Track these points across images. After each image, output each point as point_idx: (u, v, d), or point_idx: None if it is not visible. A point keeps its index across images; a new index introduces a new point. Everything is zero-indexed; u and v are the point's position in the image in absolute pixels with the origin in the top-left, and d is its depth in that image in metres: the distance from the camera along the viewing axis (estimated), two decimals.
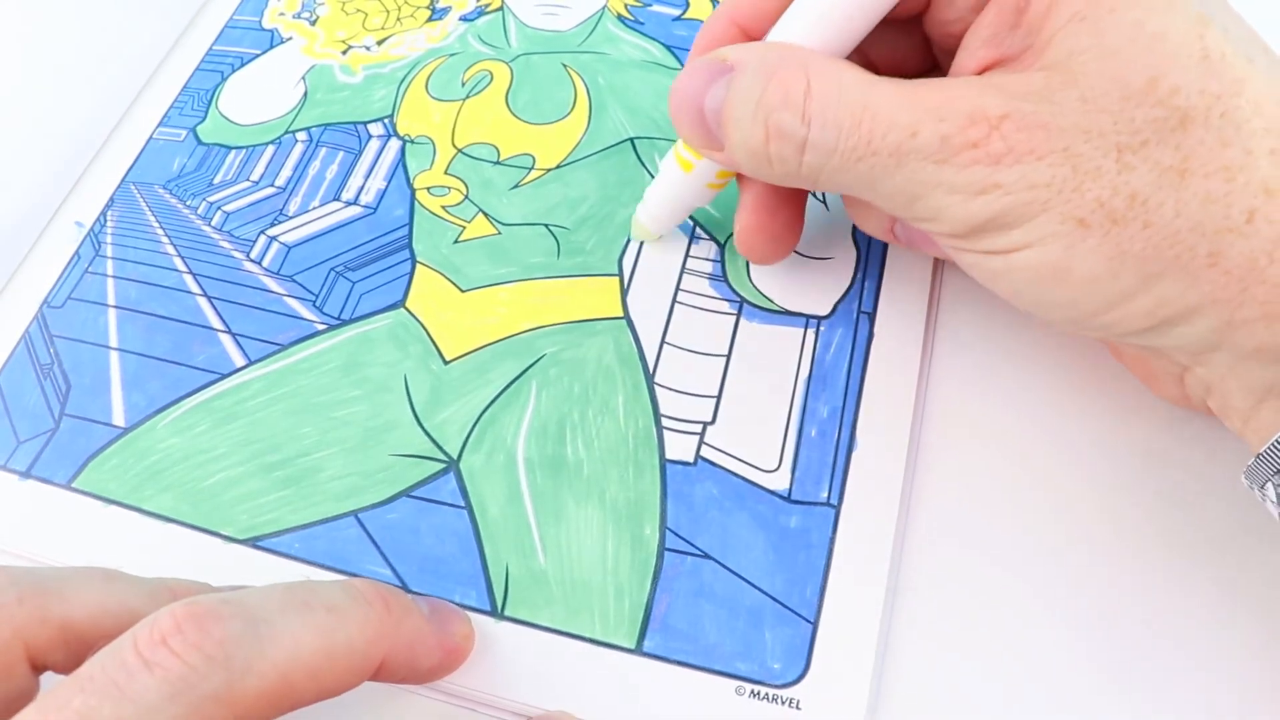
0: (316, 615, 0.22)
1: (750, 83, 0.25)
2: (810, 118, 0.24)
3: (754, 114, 0.25)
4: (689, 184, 0.30)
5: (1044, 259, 0.23)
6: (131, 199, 0.36)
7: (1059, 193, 0.22)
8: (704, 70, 0.26)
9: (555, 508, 0.29)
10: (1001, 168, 0.22)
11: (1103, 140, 0.21)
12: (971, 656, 0.27)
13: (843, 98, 0.24)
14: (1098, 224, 0.22)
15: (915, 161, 0.23)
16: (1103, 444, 0.29)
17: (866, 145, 0.23)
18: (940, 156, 0.23)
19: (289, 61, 0.39)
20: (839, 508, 0.28)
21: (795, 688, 0.26)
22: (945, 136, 0.22)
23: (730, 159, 0.27)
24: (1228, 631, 0.27)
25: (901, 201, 0.24)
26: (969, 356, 0.31)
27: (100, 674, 0.20)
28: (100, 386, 0.31)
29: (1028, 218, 0.22)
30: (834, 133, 0.24)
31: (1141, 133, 0.21)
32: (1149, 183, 0.21)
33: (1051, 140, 0.22)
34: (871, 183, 0.24)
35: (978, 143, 0.22)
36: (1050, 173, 0.22)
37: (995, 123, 0.22)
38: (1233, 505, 0.28)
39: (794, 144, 0.24)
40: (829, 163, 0.24)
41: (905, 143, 0.23)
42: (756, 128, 0.25)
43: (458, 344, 0.32)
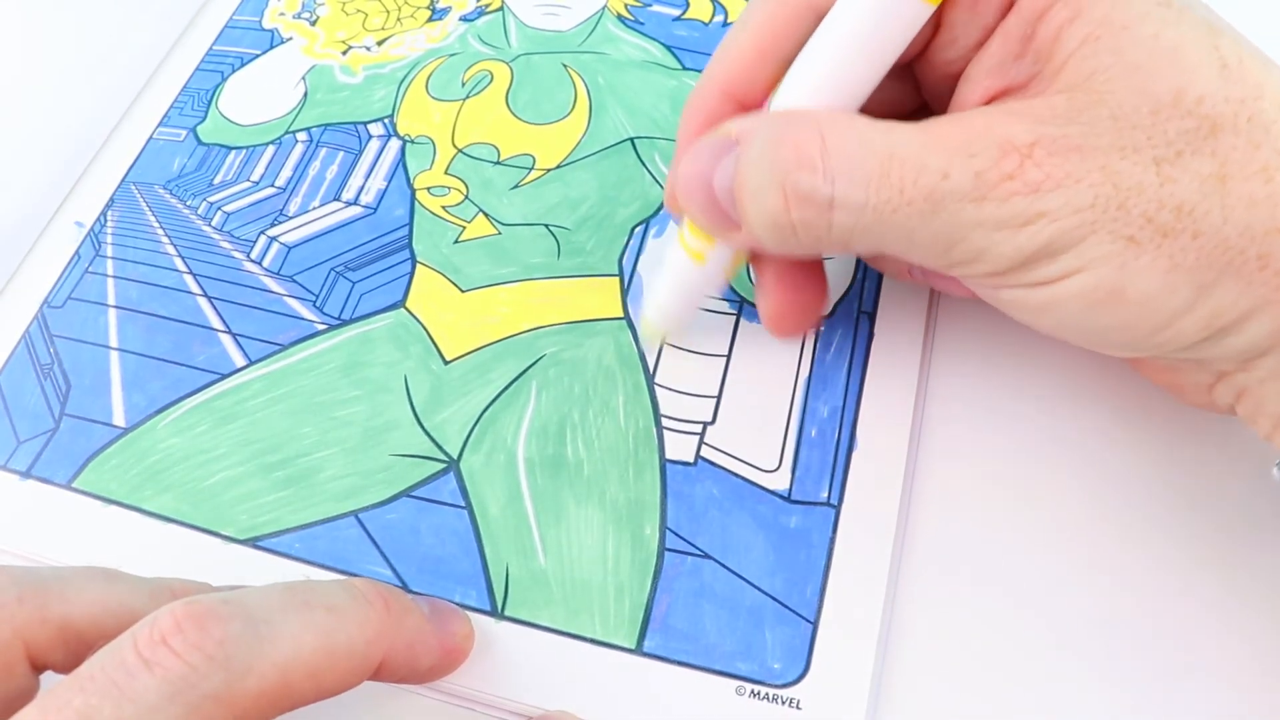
0: (316, 615, 0.22)
1: (761, 150, 0.24)
2: (833, 174, 0.22)
3: (770, 182, 0.23)
4: (703, 276, 0.28)
5: (1097, 282, 0.22)
6: (132, 199, 0.36)
7: (1104, 212, 0.21)
8: (708, 149, 0.25)
9: (555, 508, 0.29)
10: (1042, 195, 0.21)
11: (1139, 155, 0.21)
12: (972, 656, 0.27)
13: (864, 149, 0.22)
14: (1148, 239, 0.21)
15: (952, 204, 0.22)
16: (1104, 443, 0.29)
17: (900, 195, 0.22)
18: (977, 194, 0.22)
19: (289, 62, 0.39)
20: (839, 508, 0.28)
21: (795, 688, 0.26)
22: (979, 173, 0.22)
23: (750, 237, 0.25)
24: (1232, 632, 0.27)
25: (939, 249, 0.23)
26: (969, 356, 0.31)
27: (100, 673, 0.20)
28: (100, 386, 0.31)
29: (1076, 241, 0.22)
30: (862, 187, 0.22)
31: (1175, 144, 0.21)
32: (1193, 192, 0.21)
33: (1087, 161, 0.21)
34: (909, 234, 0.23)
35: (1013, 174, 0.21)
36: (1093, 194, 0.21)
37: (1026, 151, 0.21)
38: (1238, 504, 0.28)
39: (819, 206, 0.23)
40: (860, 220, 0.23)
41: (939, 186, 0.22)
42: (775, 196, 0.23)
43: (458, 344, 0.32)
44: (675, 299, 0.29)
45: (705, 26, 0.39)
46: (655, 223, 0.34)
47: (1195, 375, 0.25)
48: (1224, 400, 0.25)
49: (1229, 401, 0.25)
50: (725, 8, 0.39)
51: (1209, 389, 0.25)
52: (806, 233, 0.24)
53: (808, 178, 0.23)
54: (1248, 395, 0.24)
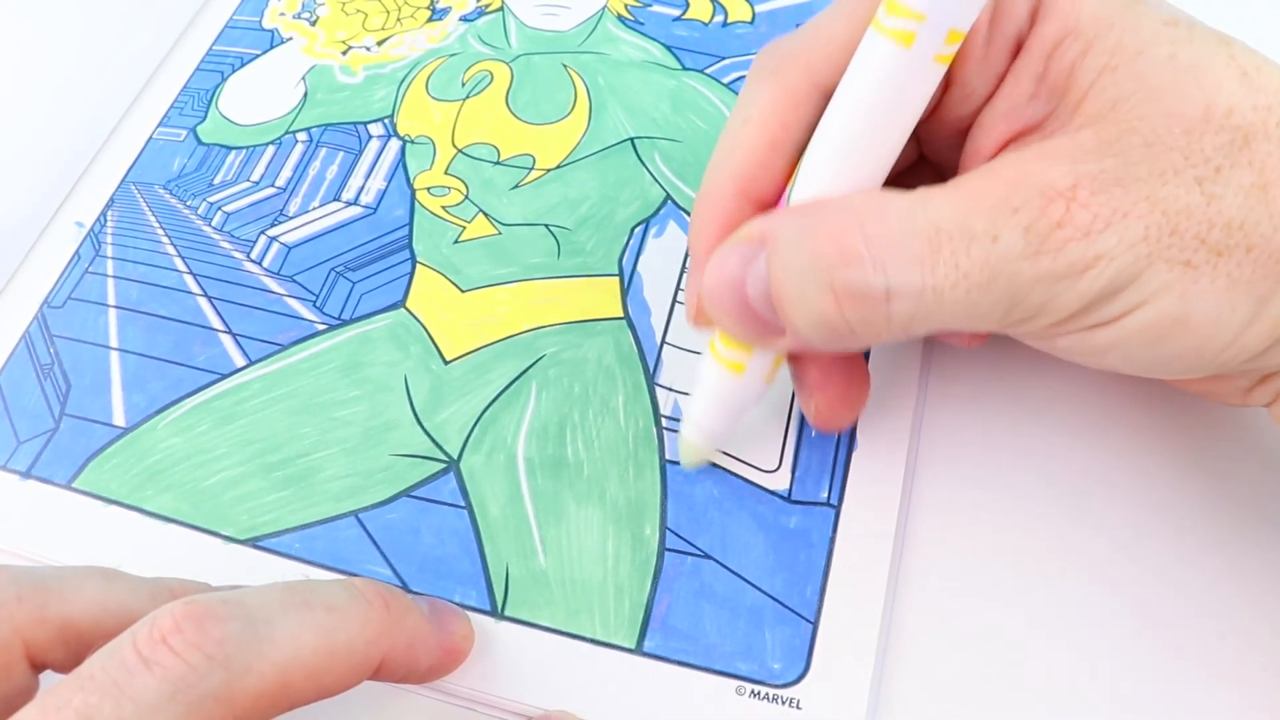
0: (316, 615, 0.22)
1: (795, 249, 0.22)
2: (883, 264, 0.21)
3: (816, 283, 0.22)
4: (743, 386, 0.26)
5: (1160, 314, 0.21)
6: (132, 199, 0.36)
7: (1158, 242, 0.20)
8: (734, 255, 0.23)
9: (555, 508, 0.29)
10: (1094, 238, 0.20)
11: (1180, 178, 0.20)
12: (972, 657, 0.27)
13: (907, 229, 0.21)
14: (1203, 262, 0.21)
15: (1008, 267, 0.21)
16: (1106, 442, 0.29)
17: (955, 270, 0.21)
18: (1030, 250, 0.21)
19: (289, 62, 0.39)
20: (839, 508, 0.28)
21: (795, 687, 0.26)
22: (1028, 227, 0.21)
23: (798, 341, 0.23)
24: (1237, 632, 0.26)
25: (999, 313, 0.22)
26: (970, 356, 0.31)
27: (100, 673, 0.20)
28: (100, 386, 0.31)
29: (1134, 277, 0.21)
30: (916, 271, 0.21)
31: (1213, 160, 0.21)
32: (1239, 206, 0.20)
33: (1131, 193, 0.20)
34: (970, 307, 0.21)
35: (1062, 221, 0.21)
36: (1143, 225, 0.20)
37: (1070, 194, 0.21)
38: (1247, 500, 0.28)
39: (875, 300, 0.21)
40: (920, 306, 0.21)
41: (991, 251, 0.21)
42: (824, 298, 0.22)
43: (458, 344, 0.32)
44: (716, 415, 0.27)
45: (705, 26, 0.39)
46: (655, 223, 0.34)
47: (1237, 382, 0.25)
48: (1259, 401, 0.25)
49: (1264, 402, 0.25)
50: (725, 8, 0.39)
51: (1246, 393, 0.25)
52: (865, 329, 0.22)
53: (857, 274, 0.21)
54: None
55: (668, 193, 0.34)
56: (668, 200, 0.34)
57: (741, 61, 0.37)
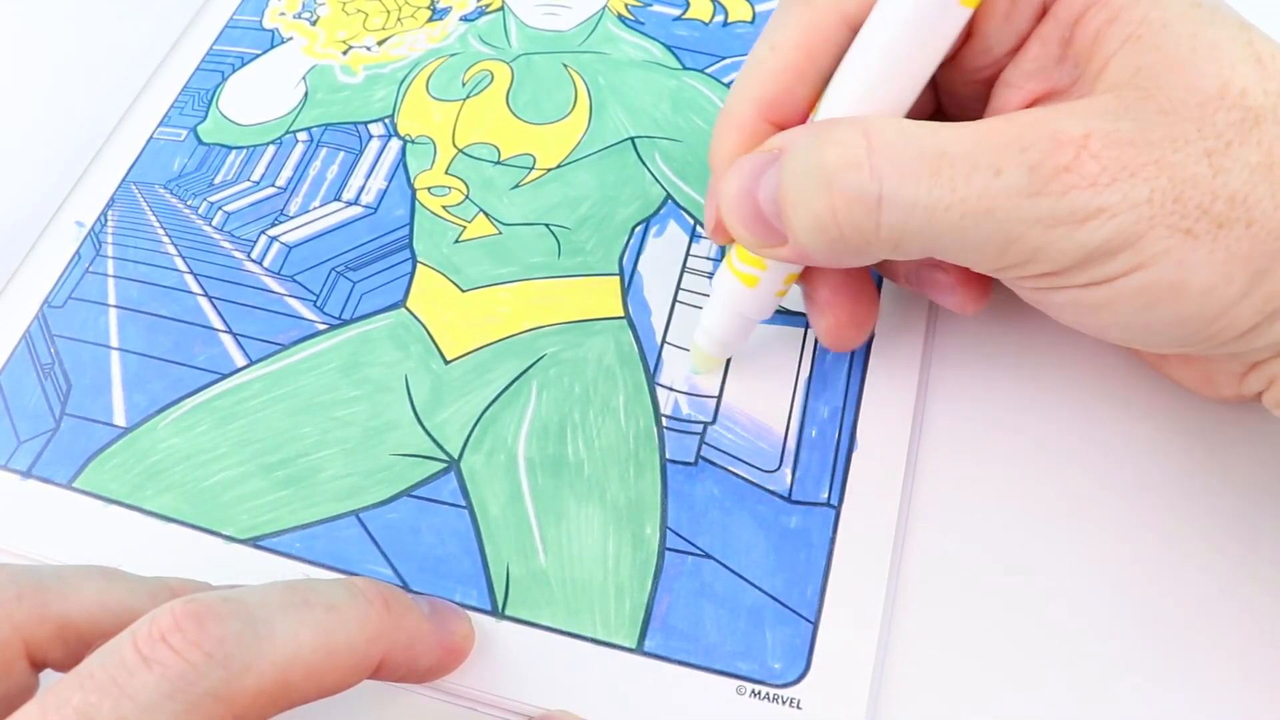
0: (316, 614, 0.22)
1: (804, 156, 0.23)
2: (880, 172, 0.22)
3: (816, 185, 0.23)
4: (754, 300, 0.27)
5: (1157, 278, 0.22)
6: (132, 199, 0.36)
7: (1161, 206, 0.21)
8: (750, 165, 0.24)
9: (556, 507, 0.29)
10: (1100, 189, 0.21)
11: (1191, 148, 0.21)
12: (972, 656, 0.27)
13: (911, 147, 0.22)
14: (1204, 231, 0.21)
15: (1007, 201, 0.21)
16: (1106, 441, 0.29)
17: (952, 194, 0.22)
18: (1033, 190, 0.21)
19: (289, 61, 0.39)
20: (839, 508, 0.28)
21: (796, 687, 0.26)
22: (1034, 166, 0.21)
23: (798, 249, 0.24)
24: (1238, 626, 0.26)
25: (994, 250, 0.22)
26: (970, 356, 0.31)
27: (100, 671, 0.20)
28: (101, 386, 0.31)
29: (1135, 238, 0.21)
30: (912, 185, 0.22)
31: (1224, 135, 0.21)
32: (1244, 181, 0.21)
33: (1142, 154, 0.21)
34: (961, 235, 0.22)
35: (1069, 166, 0.21)
36: (1149, 187, 0.21)
37: (1081, 142, 0.21)
38: (1247, 497, 0.28)
39: (868, 206, 0.22)
40: (911, 220, 0.22)
41: (992, 183, 0.21)
42: (820, 199, 0.23)
43: (458, 344, 0.32)
44: (727, 326, 0.29)
45: (705, 26, 0.39)
46: (656, 222, 0.34)
47: (1228, 366, 0.26)
48: (1252, 390, 0.25)
49: (1257, 390, 0.25)
50: (725, 8, 0.39)
51: (1240, 379, 0.25)
52: (855, 234, 0.23)
53: (854, 176, 0.22)
54: (1279, 383, 0.24)
55: (668, 192, 0.34)
56: (668, 200, 0.34)
57: (742, 61, 0.37)
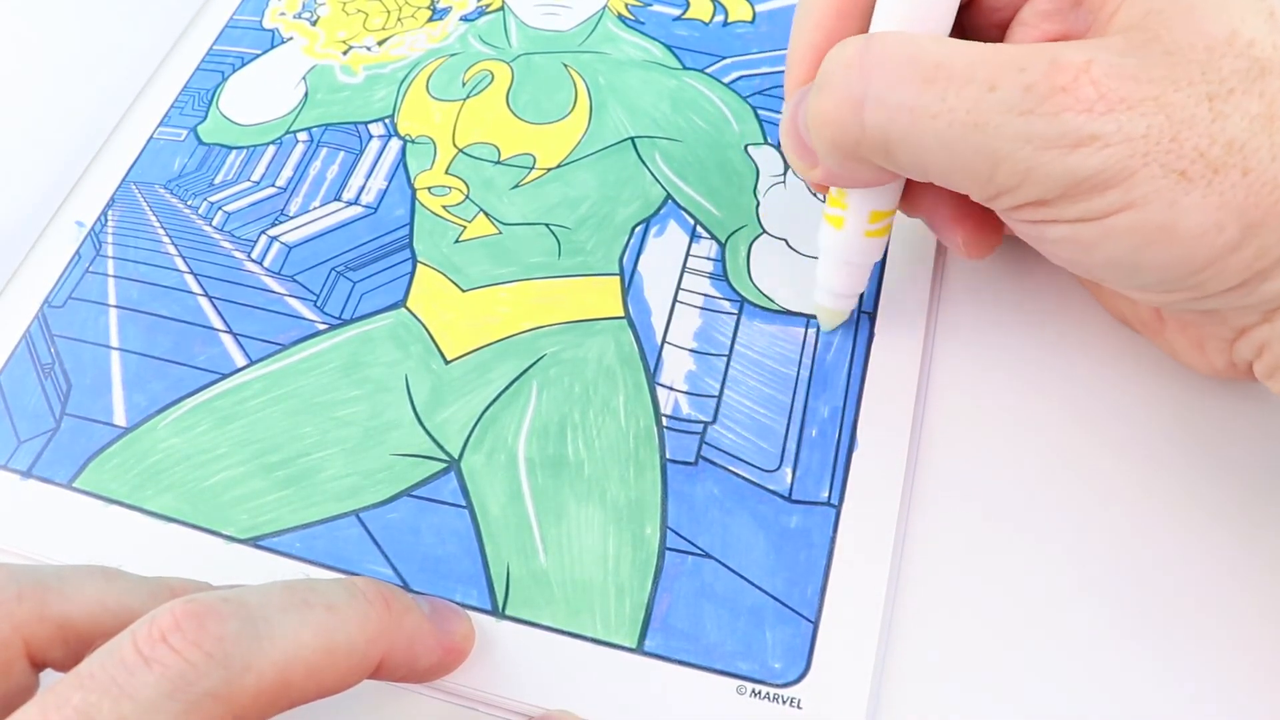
0: (316, 613, 0.22)
1: (824, 73, 0.24)
2: (868, 71, 0.23)
3: (817, 90, 0.24)
4: (849, 240, 0.28)
5: (1147, 218, 0.22)
6: (132, 199, 0.36)
7: (1157, 144, 0.21)
8: (798, 94, 0.26)
9: (556, 507, 0.29)
10: (1095, 116, 0.21)
11: (1193, 89, 0.21)
12: (972, 656, 0.27)
13: (908, 52, 0.22)
14: (1199, 175, 0.21)
15: (997, 116, 0.21)
16: (1107, 442, 0.29)
17: (940, 102, 0.22)
18: (1025, 107, 0.21)
19: (290, 61, 0.39)
20: (839, 508, 0.28)
21: (796, 687, 0.26)
22: (1029, 85, 0.21)
23: (824, 167, 0.25)
24: (1233, 630, 0.26)
25: (983, 171, 0.22)
26: (969, 356, 0.31)
27: (100, 671, 0.20)
28: (101, 386, 0.31)
29: (1128, 173, 0.21)
30: (897, 87, 0.22)
31: (1228, 81, 0.21)
32: (1242, 129, 0.21)
33: (1142, 89, 0.21)
34: (949, 147, 0.22)
35: (1066, 87, 0.21)
36: (1145, 123, 0.21)
37: (1083, 67, 0.21)
38: (1251, 489, 0.28)
39: (853, 103, 0.23)
40: (895, 121, 0.22)
41: (984, 97, 0.21)
42: (818, 100, 0.24)
43: (458, 344, 0.32)
44: (835, 273, 0.29)
45: (706, 26, 0.39)
46: (656, 222, 0.34)
47: (1218, 330, 0.26)
48: (1243, 358, 0.25)
49: (1248, 359, 0.25)
50: (725, 8, 0.39)
51: (1230, 346, 0.26)
52: (842, 135, 0.23)
53: (843, 75, 0.23)
54: (1268, 350, 0.24)
55: (668, 192, 0.34)
56: (668, 199, 0.34)
57: (742, 61, 0.37)
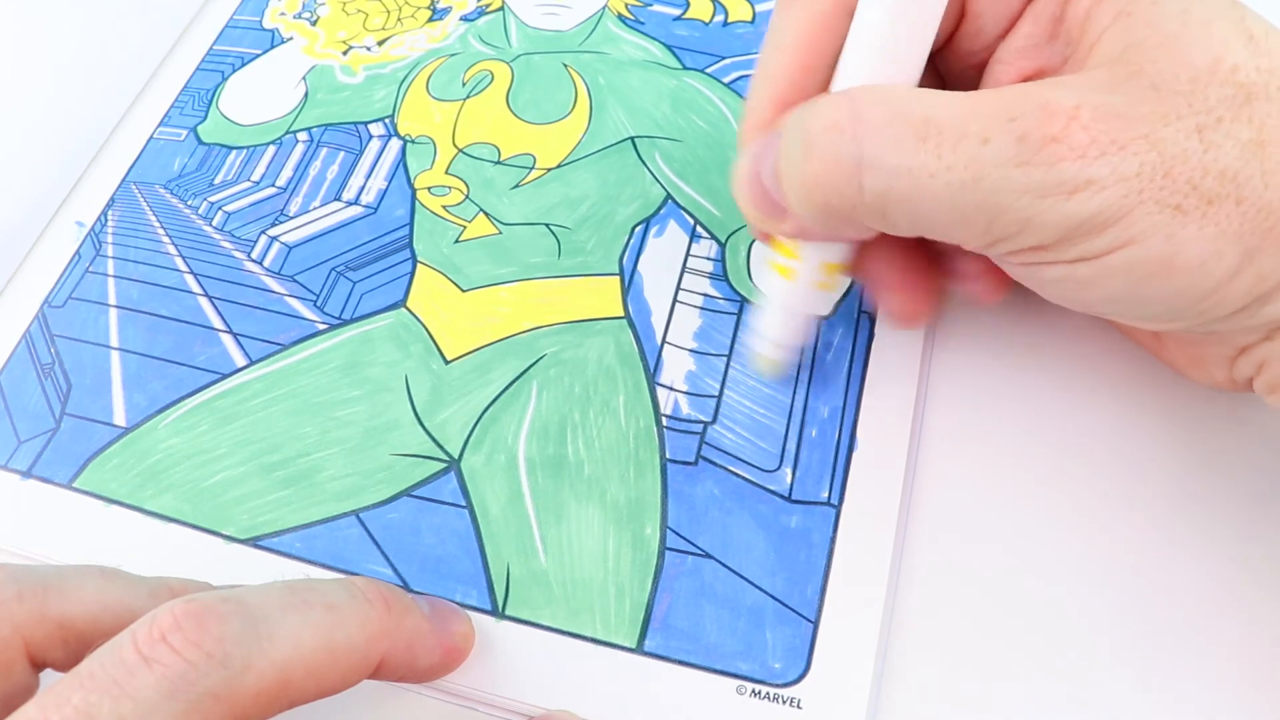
0: (316, 613, 0.22)
1: (794, 125, 0.23)
2: (861, 136, 0.22)
3: (801, 151, 0.23)
4: (798, 292, 0.27)
5: (1146, 254, 0.21)
6: (132, 199, 0.36)
7: (1150, 181, 0.21)
8: (757, 145, 0.25)
9: (556, 507, 0.29)
10: (1089, 161, 0.21)
11: (1181, 123, 0.21)
12: (972, 656, 0.27)
13: (896, 111, 0.22)
14: (1193, 207, 0.21)
15: (995, 170, 0.21)
16: (1107, 441, 0.29)
17: (937, 160, 0.21)
18: (1021, 159, 0.21)
19: (290, 62, 0.39)
20: (839, 508, 0.28)
21: (796, 687, 0.26)
22: (1022, 136, 0.21)
23: (796, 222, 0.25)
24: (1246, 624, 0.26)
25: (981, 223, 0.22)
26: (969, 356, 0.31)
27: (100, 671, 0.20)
28: (101, 386, 0.31)
29: (1124, 212, 0.21)
30: (894, 149, 0.22)
31: (1215, 111, 0.21)
32: (1235, 158, 0.21)
33: (1131, 128, 0.21)
34: (949, 204, 0.22)
35: (1058, 136, 0.21)
36: (1138, 161, 0.21)
37: (1071, 113, 0.21)
38: (1251, 494, 0.28)
39: (848, 169, 0.22)
40: (895, 185, 0.22)
41: (980, 152, 0.21)
42: (805, 164, 0.23)
43: (458, 344, 0.32)
44: (776, 324, 0.28)
45: (706, 26, 0.39)
46: (656, 222, 0.34)
47: (1218, 349, 0.25)
48: (1243, 374, 0.25)
49: (1248, 375, 0.25)
50: (725, 7, 0.39)
51: (1230, 363, 0.25)
52: (839, 199, 0.23)
53: (834, 139, 0.22)
54: (1268, 367, 0.24)
55: (668, 192, 0.34)
56: (668, 199, 0.34)
57: (742, 61, 0.37)
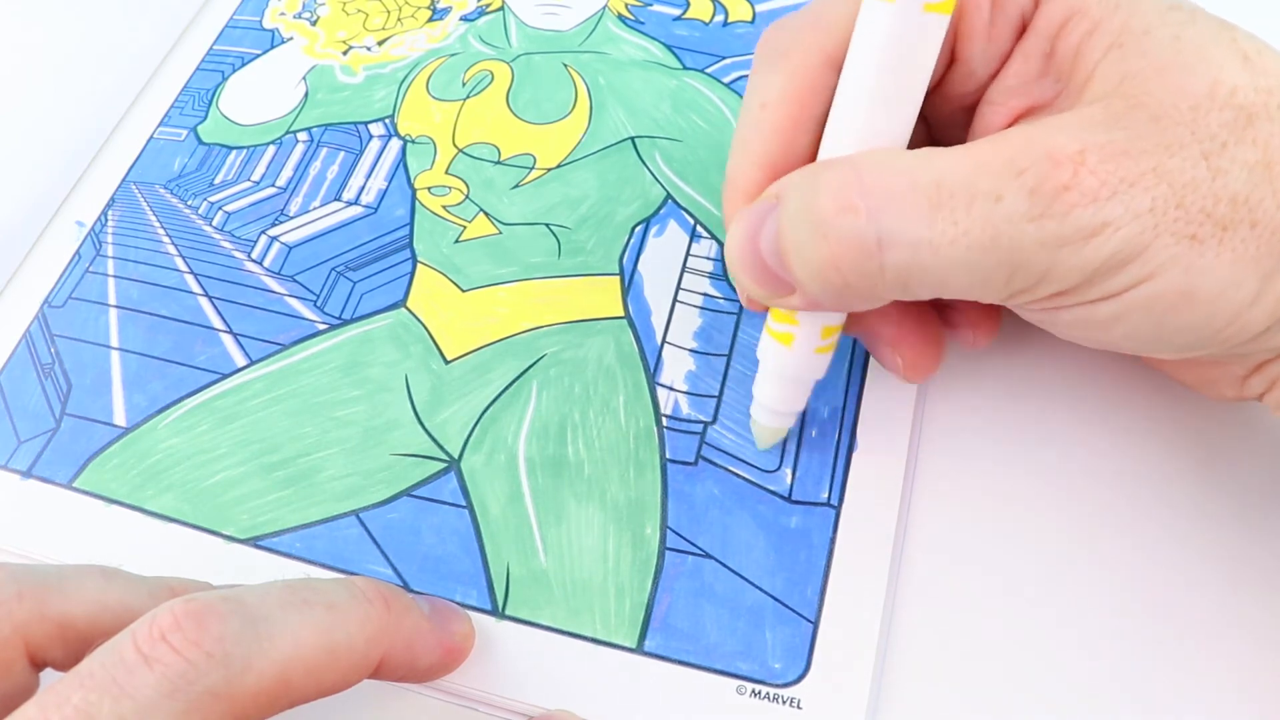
0: (316, 613, 0.22)
1: (799, 202, 0.22)
2: (876, 213, 0.21)
3: (812, 232, 0.22)
4: (797, 359, 0.26)
5: (1166, 287, 0.21)
6: (132, 199, 0.36)
7: (1164, 214, 0.20)
8: (752, 214, 0.24)
9: (556, 507, 0.29)
10: (1102, 204, 0.20)
11: (1187, 152, 0.21)
12: (972, 656, 0.27)
13: (906, 182, 0.21)
14: (1208, 235, 0.21)
15: (1009, 227, 0.21)
16: (1107, 442, 0.29)
17: (954, 227, 0.21)
18: (1035, 212, 0.21)
19: (290, 61, 0.39)
20: (839, 508, 0.28)
21: (796, 687, 0.26)
22: (1033, 189, 0.21)
23: (808, 298, 0.24)
24: (1244, 631, 0.26)
25: (1001, 279, 0.22)
26: (970, 356, 0.31)
27: (100, 670, 0.20)
28: (101, 386, 0.31)
29: (1141, 248, 0.21)
30: (912, 223, 0.21)
31: (1218, 136, 0.21)
32: (1244, 182, 0.21)
33: (1139, 164, 0.20)
34: (969, 268, 0.21)
35: (1069, 184, 0.20)
36: (1149, 197, 0.20)
37: (1078, 159, 0.21)
38: (1251, 498, 0.28)
39: (867, 250, 0.21)
40: (916, 258, 0.21)
41: (994, 211, 0.21)
42: (819, 246, 0.22)
43: (458, 344, 0.32)
44: (778, 393, 0.27)
45: (706, 26, 0.39)
46: (656, 222, 0.34)
47: (1232, 369, 0.25)
48: (1254, 390, 0.25)
49: (1259, 391, 0.25)
50: (725, 7, 0.39)
51: (1242, 381, 0.25)
52: (860, 279, 0.22)
53: (850, 220, 0.21)
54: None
55: (668, 192, 0.34)
56: (668, 199, 0.34)
57: (742, 61, 0.37)
